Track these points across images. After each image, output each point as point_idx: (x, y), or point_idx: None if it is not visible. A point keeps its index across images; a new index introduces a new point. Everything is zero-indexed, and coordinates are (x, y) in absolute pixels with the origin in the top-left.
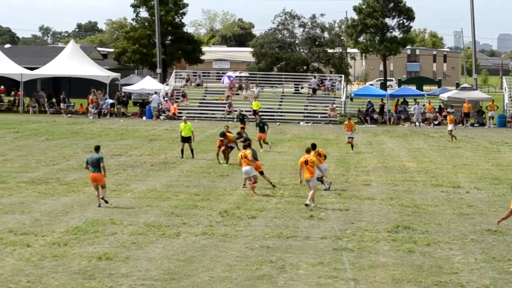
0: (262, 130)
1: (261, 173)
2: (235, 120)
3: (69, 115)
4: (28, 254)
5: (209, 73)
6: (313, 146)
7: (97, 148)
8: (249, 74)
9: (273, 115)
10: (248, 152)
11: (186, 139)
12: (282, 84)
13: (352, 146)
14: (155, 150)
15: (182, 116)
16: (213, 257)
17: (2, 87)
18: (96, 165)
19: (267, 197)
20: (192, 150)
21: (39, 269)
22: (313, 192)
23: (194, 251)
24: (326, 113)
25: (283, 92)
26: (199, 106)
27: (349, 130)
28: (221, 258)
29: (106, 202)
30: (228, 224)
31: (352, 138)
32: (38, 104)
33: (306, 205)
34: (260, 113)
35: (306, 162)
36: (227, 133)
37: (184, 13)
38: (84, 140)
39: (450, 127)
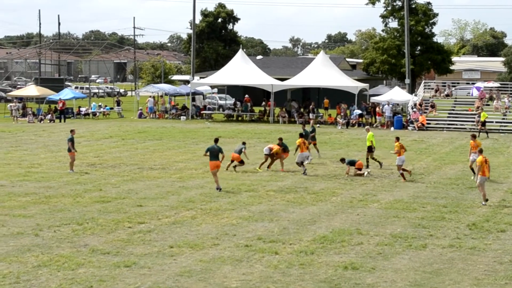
0: (313, 138)
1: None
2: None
3: (318, 125)
4: (276, 261)
5: (458, 83)
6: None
7: (216, 140)
8: (500, 84)
9: None
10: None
11: (368, 148)
12: None
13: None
14: None
15: (431, 128)
16: (461, 270)
17: (246, 96)
18: (216, 154)
19: None
20: (374, 159)
21: (286, 276)
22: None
23: (441, 264)
24: None
25: None
26: (448, 117)
27: (474, 150)
28: (469, 272)
29: (218, 189)
30: (476, 237)
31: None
32: (289, 114)
33: (486, 200)
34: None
35: (486, 161)
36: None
37: (434, 23)
38: (331, 150)
39: None
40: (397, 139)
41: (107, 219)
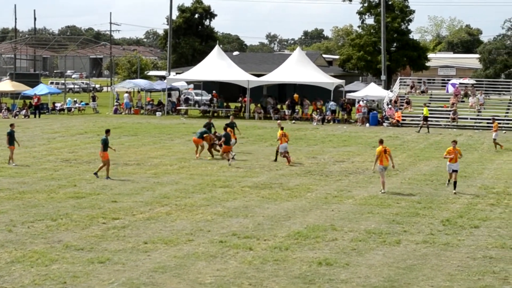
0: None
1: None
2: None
3: (293, 121)
4: (250, 257)
5: (434, 80)
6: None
7: (107, 131)
8: (475, 81)
9: (500, 123)
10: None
11: None
12: (510, 91)
13: (455, 183)
14: None
15: (406, 124)
16: (434, 266)
17: (214, 91)
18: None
19: (491, 207)
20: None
21: (260, 272)
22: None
23: (415, 259)
24: None
25: (510, 100)
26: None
27: (453, 161)
28: (442, 267)
29: (95, 175)
30: (450, 233)
31: (456, 171)
32: (264, 110)
33: (383, 193)
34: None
35: (385, 151)
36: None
37: (410, 20)
38: (307, 146)
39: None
40: (282, 128)
41: (81, 215)
